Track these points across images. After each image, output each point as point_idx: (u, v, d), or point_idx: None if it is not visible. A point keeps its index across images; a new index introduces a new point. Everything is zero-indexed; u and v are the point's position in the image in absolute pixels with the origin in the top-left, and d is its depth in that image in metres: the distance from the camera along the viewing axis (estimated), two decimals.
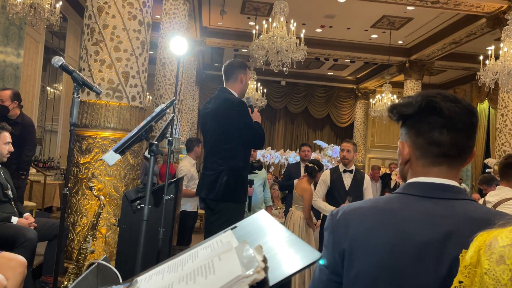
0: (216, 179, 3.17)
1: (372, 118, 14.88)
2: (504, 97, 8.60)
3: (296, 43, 7.63)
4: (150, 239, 2.49)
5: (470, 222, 0.91)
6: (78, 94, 2.57)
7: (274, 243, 0.79)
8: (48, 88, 10.37)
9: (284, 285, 0.72)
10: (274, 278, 0.66)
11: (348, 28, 11.84)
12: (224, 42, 12.91)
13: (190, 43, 8.60)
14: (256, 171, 4.29)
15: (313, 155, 8.62)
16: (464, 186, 12.92)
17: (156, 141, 2.29)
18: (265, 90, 14.55)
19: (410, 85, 13.24)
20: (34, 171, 7.77)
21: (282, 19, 7.71)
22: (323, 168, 5.02)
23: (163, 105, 2.39)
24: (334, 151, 11.72)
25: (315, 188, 4.75)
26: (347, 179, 4.43)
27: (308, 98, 18.22)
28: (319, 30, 12.09)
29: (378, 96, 12.72)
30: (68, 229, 3.70)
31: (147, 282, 0.86)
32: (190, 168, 5.29)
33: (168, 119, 2.75)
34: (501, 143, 8.56)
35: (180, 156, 9.42)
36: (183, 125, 13.07)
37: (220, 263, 0.73)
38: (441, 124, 1.01)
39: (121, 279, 1.05)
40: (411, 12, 10.29)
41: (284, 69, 7.80)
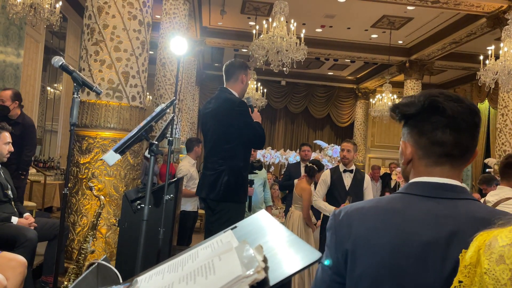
0: (217, 179, 3.17)
1: (372, 118, 14.88)
2: (504, 97, 8.60)
3: (296, 43, 7.63)
4: (150, 239, 2.49)
5: (474, 222, 0.91)
6: (78, 94, 2.57)
7: (274, 243, 0.79)
8: (48, 88, 10.37)
9: (284, 285, 0.72)
10: (274, 278, 0.66)
11: (348, 28, 11.83)
12: (224, 42, 12.90)
13: (190, 43, 8.60)
14: (256, 171, 4.29)
15: (313, 155, 8.63)
16: (464, 186, 12.90)
17: (156, 141, 2.29)
18: (265, 90, 14.55)
19: (410, 85, 13.24)
20: (34, 171, 7.77)
21: (282, 19, 7.71)
22: (323, 168, 5.02)
23: (163, 105, 2.39)
24: (334, 151, 11.72)
25: (315, 188, 4.76)
26: (347, 179, 4.43)
27: (308, 98, 18.22)
28: (319, 30, 12.09)
29: (378, 96, 12.72)
30: (68, 229, 3.70)
31: (147, 282, 0.86)
32: (190, 168, 5.28)
33: (168, 119, 2.75)
34: (501, 142, 8.56)
35: (180, 156, 9.41)
36: (183, 125, 13.07)
37: (220, 263, 0.73)
38: (444, 123, 1.00)
39: (121, 279, 1.05)
40: (411, 12, 10.29)
41: (284, 69, 7.80)
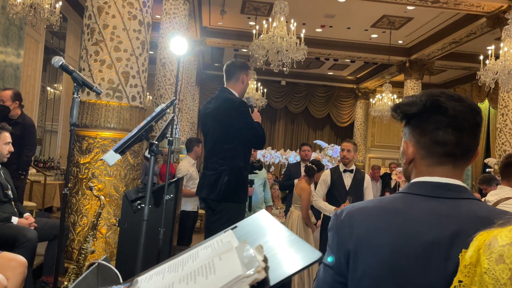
0: (217, 179, 3.17)
1: (372, 118, 14.88)
2: (504, 96, 8.60)
3: (296, 43, 7.63)
4: (150, 239, 2.49)
5: (476, 222, 0.91)
6: (78, 94, 2.57)
7: (275, 243, 0.79)
8: (48, 88, 10.37)
9: (285, 285, 0.72)
10: (274, 278, 0.66)
11: (348, 28, 11.83)
12: (224, 42, 12.91)
13: (190, 43, 8.60)
14: (256, 171, 4.29)
15: (313, 155, 8.62)
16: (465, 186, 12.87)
17: (156, 141, 2.29)
18: (265, 90, 14.55)
19: (410, 84, 13.24)
20: (34, 171, 7.77)
21: (282, 19, 7.71)
22: (323, 168, 5.01)
23: (163, 105, 2.39)
24: (334, 151, 11.73)
25: (315, 188, 4.75)
26: (348, 179, 4.43)
27: (308, 98, 18.22)
28: (319, 30, 12.09)
29: (378, 95, 12.72)
30: (68, 229, 3.70)
31: (147, 282, 0.86)
32: (189, 168, 5.28)
33: (168, 119, 2.75)
34: (501, 142, 8.56)
35: (180, 156, 9.42)
36: (183, 125, 13.07)
37: (220, 263, 0.73)
38: (446, 123, 1.00)
39: (121, 279, 1.05)
40: (411, 11, 10.29)
41: (284, 69, 7.80)
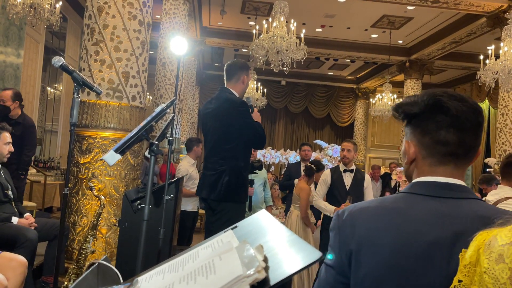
0: (218, 179, 3.17)
1: (372, 117, 14.88)
2: (505, 96, 8.60)
3: (296, 42, 7.63)
4: (150, 239, 2.49)
5: (478, 221, 0.90)
6: (78, 94, 2.57)
7: (275, 243, 0.79)
8: (48, 88, 10.37)
9: (285, 284, 0.72)
10: (275, 278, 0.66)
11: (348, 28, 11.83)
12: (224, 42, 12.91)
13: (190, 43, 8.61)
14: (256, 171, 4.29)
15: (313, 154, 8.62)
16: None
17: (156, 141, 2.29)
18: (265, 90, 14.55)
19: (410, 84, 13.24)
20: (34, 171, 7.77)
21: (282, 18, 7.71)
22: (323, 168, 5.01)
23: (163, 105, 2.39)
24: (334, 150, 11.73)
25: (315, 188, 4.75)
26: (348, 179, 4.43)
27: (308, 98, 18.22)
28: (319, 30, 12.09)
29: (378, 95, 12.73)
30: (69, 229, 3.71)
31: (147, 282, 0.86)
32: (189, 168, 5.28)
33: (169, 119, 2.75)
34: (501, 142, 8.56)
35: (180, 156, 9.42)
36: (184, 125, 13.07)
37: (221, 263, 0.73)
38: (448, 123, 1.00)
39: (121, 279, 1.05)
40: (411, 11, 10.29)
41: (284, 69, 7.80)
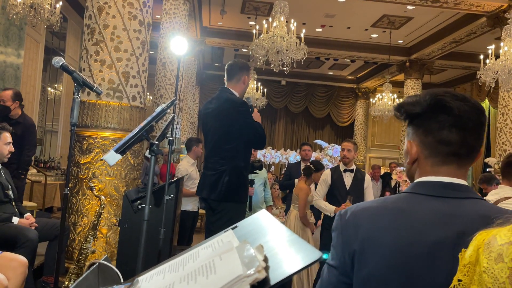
0: (218, 179, 3.17)
1: (372, 117, 14.88)
2: (505, 96, 8.60)
3: (296, 42, 7.63)
4: (150, 239, 2.49)
5: (481, 221, 0.90)
6: (78, 94, 2.57)
7: (275, 243, 0.79)
8: (49, 89, 10.38)
9: (285, 284, 0.72)
10: (275, 278, 0.66)
11: (348, 28, 11.83)
12: (224, 42, 12.91)
13: (190, 43, 8.60)
14: (256, 171, 4.29)
15: (313, 154, 8.62)
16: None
17: (156, 141, 2.29)
18: (265, 90, 14.54)
19: (410, 84, 13.24)
20: (34, 171, 7.77)
21: (282, 18, 7.71)
22: (323, 168, 5.00)
23: (163, 105, 2.39)
24: (334, 150, 11.73)
25: (315, 188, 4.75)
26: (348, 179, 4.43)
27: (308, 98, 18.22)
28: (319, 30, 12.09)
29: (379, 95, 12.72)
30: (69, 229, 3.71)
31: (148, 282, 0.86)
32: (188, 168, 5.29)
33: (169, 119, 2.75)
34: (501, 142, 8.56)
35: (180, 156, 9.42)
36: (184, 125, 13.07)
37: (221, 263, 0.73)
38: (450, 123, 1.00)
39: (122, 279, 1.06)
40: (411, 11, 10.28)
41: (284, 68, 7.80)
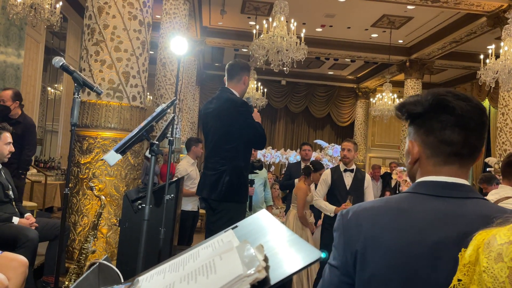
0: (218, 179, 3.17)
1: (372, 117, 14.87)
2: (505, 96, 8.60)
3: (296, 42, 7.63)
4: (151, 239, 2.49)
5: (483, 221, 0.89)
6: (78, 94, 2.57)
7: (275, 243, 0.79)
8: (49, 89, 10.38)
9: (285, 284, 0.72)
10: (275, 277, 0.67)
11: (348, 28, 11.83)
12: (225, 41, 12.91)
13: (190, 43, 8.60)
14: (256, 171, 4.29)
15: (313, 154, 8.62)
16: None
17: (157, 141, 2.29)
18: (265, 90, 14.54)
19: (410, 84, 13.23)
20: (35, 171, 7.78)
21: (282, 18, 7.71)
22: (322, 168, 5.00)
23: (163, 105, 2.39)
24: (334, 150, 11.72)
25: (315, 188, 4.75)
26: (348, 179, 4.43)
27: (308, 98, 18.22)
28: (319, 30, 12.08)
29: (379, 95, 12.71)
30: (69, 229, 3.71)
31: (148, 282, 0.86)
32: (188, 168, 5.30)
33: (169, 119, 2.75)
34: (501, 142, 8.56)
35: (180, 156, 9.42)
36: (184, 125, 13.07)
37: (221, 263, 0.74)
38: (452, 122, 0.99)
39: (122, 279, 1.06)
40: (411, 11, 10.28)
41: (284, 68, 7.80)
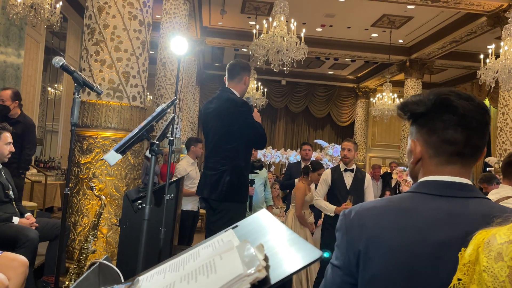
0: (219, 179, 3.17)
1: (372, 117, 14.86)
2: (505, 95, 8.60)
3: (296, 42, 7.62)
4: (151, 238, 2.49)
5: (486, 221, 0.89)
6: (79, 94, 2.57)
7: (275, 242, 0.79)
8: (49, 89, 10.38)
9: (285, 283, 0.72)
10: (275, 277, 0.67)
11: (349, 27, 11.83)
12: (225, 41, 12.91)
13: (190, 42, 8.60)
14: (257, 171, 4.29)
15: (314, 154, 8.62)
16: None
17: (157, 140, 2.29)
18: (265, 90, 14.54)
19: (410, 84, 13.23)
20: (35, 171, 7.78)
21: (282, 18, 7.70)
22: (320, 168, 4.99)
23: (164, 104, 2.40)
24: (335, 150, 11.71)
25: (316, 188, 4.75)
26: (348, 178, 4.43)
27: (308, 97, 18.22)
28: (319, 29, 12.08)
29: (379, 95, 12.71)
30: (69, 229, 3.71)
31: (148, 282, 0.86)
32: (187, 167, 5.31)
33: (169, 118, 2.76)
34: (501, 141, 8.56)
35: (181, 156, 9.43)
36: (184, 124, 13.07)
37: (221, 262, 0.74)
38: (455, 122, 0.99)
39: (122, 279, 1.06)
40: (411, 11, 10.28)
41: (284, 68, 7.80)
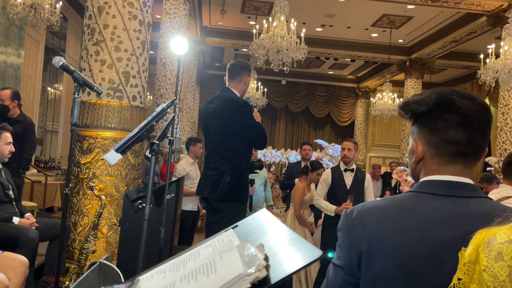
0: (219, 179, 3.18)
1: (372, 117, 14.87)
2: (505, 95, 8.60)
3: (296, 42, 7.63)
4: (151, 238, 2.49)
5: (488, 220, 0.88)
6: (79, 94, 2.57)
7: (276, 242, 0.79)
8: (49, 89, 10.38)
9: (285, 283, 0.72)
10: (275, 276, 0.67)
11: (349, 27, 11.83)
12: (225, 41, 12.91)
13: (190, 42, 8.60)
14: (257, 171, 4.29)
15: (314, 154, 8.62)
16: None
17: (157, 140, 2.29)
18: (265, 90, 14.55)
19: (410, 83, 13.23)
20: (35, 171, 7.78)
21: (282, 18, 7.71)
22: (319, 167, 4.99)
23: (164, 104, 2.39)
24: (335, 150, 11.71)
25: (316, 188, 4.76)
26: (348, 178, 4.43)
27: (308, 97, 18.22)
28: (319, 29, 12.08)
29: (379, 95, 12.71)
30: (70, 229, 3.71)
31: (148, 281, 0.86)
32: (186, 167, 5.31)
33: (169, 118, 2.75)
34: (501, 141, 8.56)
35: (181, 155, 9.43)
36: (184, 124, 13.07)
37: (221, 262, 0.74)
38: (457, 122, 0.99)
39: (123, 279, 1.06)
40: (411, 10, 10.28)
41: (284, 68, 7.80)
